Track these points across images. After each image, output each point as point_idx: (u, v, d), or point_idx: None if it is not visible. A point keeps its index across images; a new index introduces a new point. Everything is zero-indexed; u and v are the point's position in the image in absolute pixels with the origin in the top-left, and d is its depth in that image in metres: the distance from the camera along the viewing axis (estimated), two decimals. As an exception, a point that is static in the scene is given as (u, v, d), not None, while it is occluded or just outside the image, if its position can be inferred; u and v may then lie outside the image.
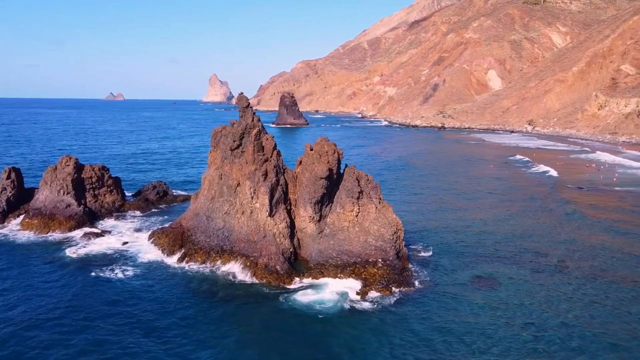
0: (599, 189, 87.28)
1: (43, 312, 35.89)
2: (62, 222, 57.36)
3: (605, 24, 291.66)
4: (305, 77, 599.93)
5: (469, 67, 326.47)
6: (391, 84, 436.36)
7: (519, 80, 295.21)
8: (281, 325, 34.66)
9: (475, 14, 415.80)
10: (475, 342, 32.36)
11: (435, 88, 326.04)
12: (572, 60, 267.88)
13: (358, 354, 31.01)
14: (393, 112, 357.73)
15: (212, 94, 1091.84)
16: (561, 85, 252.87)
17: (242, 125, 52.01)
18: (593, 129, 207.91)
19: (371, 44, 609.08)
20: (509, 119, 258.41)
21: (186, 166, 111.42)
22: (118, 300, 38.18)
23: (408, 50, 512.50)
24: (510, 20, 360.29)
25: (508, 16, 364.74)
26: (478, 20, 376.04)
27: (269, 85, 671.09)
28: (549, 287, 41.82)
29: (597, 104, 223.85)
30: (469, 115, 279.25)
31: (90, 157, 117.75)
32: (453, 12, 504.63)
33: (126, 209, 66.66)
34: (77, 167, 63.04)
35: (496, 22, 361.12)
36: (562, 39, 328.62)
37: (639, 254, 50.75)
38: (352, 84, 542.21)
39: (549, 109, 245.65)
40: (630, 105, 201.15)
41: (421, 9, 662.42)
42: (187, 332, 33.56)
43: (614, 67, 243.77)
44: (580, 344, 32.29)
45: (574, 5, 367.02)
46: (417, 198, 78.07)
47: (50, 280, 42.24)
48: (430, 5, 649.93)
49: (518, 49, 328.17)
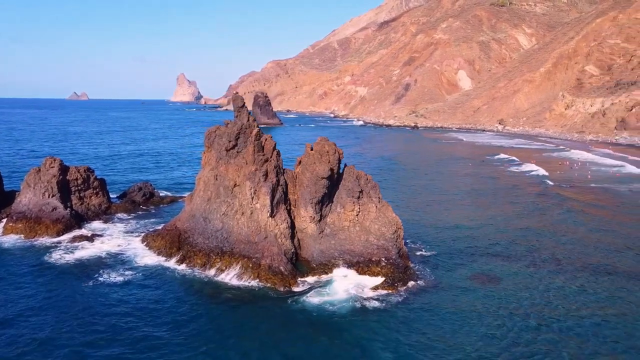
0: (577, 187, 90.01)
1: (41, 321, 34.61)
2: (49, 226, 55.46)
3: (569, 26, 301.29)
4: (276, 77, 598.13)
5: (439, 67, 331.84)
6: (362, 83, 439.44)
7: (488, 81, 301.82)
8: (296, 327, 34.35)
9: (444, 15, 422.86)
10: (488, 337, 32.91)
11: (407, 88, 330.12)
12: (539, 61, 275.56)
13: (379, 355, 31.09)
14: (365, 112, 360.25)
15: (180, 94, 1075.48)
16: (529, 85, 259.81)
17: (237, 126, 51.45)
18: (561, 128, 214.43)
19: (341, 44, 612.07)
20: (480, 119, 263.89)
21: (167, 167, 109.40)
22: (118, 308, 36.74)
23: (378, 50, 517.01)
24: (478, 22, 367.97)
25: (476, 17, 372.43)
26: (446, 22, 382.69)
27: (239, 85, 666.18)
28: (546, 280, 42.97)
29: (564, 103, 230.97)
30: (441, 114, 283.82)
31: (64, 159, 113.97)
32: (422, 13, 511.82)
33: (113, 211, 65.03)
34: (62, 168, 61.18)
35: (464, 24, 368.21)
36: (528, 40, 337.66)
37: (621, 245, 52.67)
38: (323, 84, 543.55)
39: (518, 108, 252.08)
40: (596, 105, 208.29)
41: (390, 9, 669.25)
42: (200, 338, 32.95)
43: (579, 68, 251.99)
44: (580, 332, 33.29)
45: (538, 7, 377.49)
46: (407, 197, 78.79)
47: (44, 288, 40.43)
48: (398, 6, 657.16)
49: (486, 50, 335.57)
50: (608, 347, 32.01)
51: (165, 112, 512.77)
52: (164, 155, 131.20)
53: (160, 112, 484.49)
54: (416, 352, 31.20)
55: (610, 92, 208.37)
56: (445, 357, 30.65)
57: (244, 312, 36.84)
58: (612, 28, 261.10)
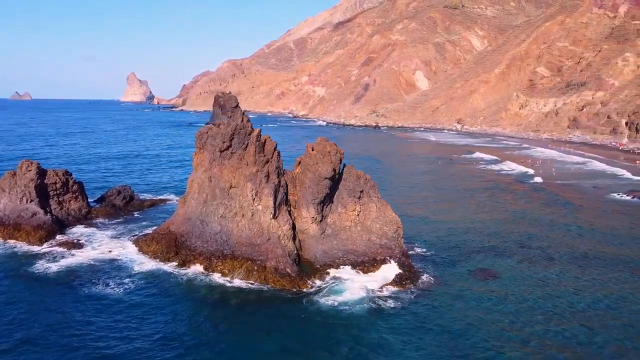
0: (549, 184, 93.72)
1: (45, 344, 32.85)
2: (30, 233, 52.61)
3: (520, 29, 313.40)
4: (232, 77, 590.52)
5: (397, 67, 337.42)
6: (320, 83, 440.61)
7: (445, 81, 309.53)
8: (317, 329, 34.20)
9: (399, 17, 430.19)
10: (498, 330, 33.88)
11: (366, 88, 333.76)
12: (493, 63, 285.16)
13: (405, 354, 31.37)
14: (325, 112, 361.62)
15: (131, 94, 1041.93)
16: (485, 85, 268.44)
17: (232, 126, 50.56)
18: (517, 127, 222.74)
19: (297, 44, 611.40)
20: (439, 118, 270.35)
21: (138, 170, 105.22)
22: (122, 319, 34.93)
23: (335, 51, 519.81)
24: (432, 24, 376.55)
25: (431, 19, 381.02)
26: (402, 23, 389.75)
27: (193, 85, 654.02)
28: (541, 272, 44.67)
29: (519, 103, 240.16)
30: (401, 114, 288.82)
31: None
32: (377, 14, 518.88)
33: (94, 216, 62.41)
34: (40, 172, 58.21)
35: (420, 25, 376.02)
36: (481, 42, 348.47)
37: (602, 236, 55.52)
38: (280, 84, 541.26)
39: (475, 108, 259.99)
40: (549, 105, 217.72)
41: (344, 10, 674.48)
42: (221, 343, 32.23)
43: (531, 70, 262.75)
44: (579, 318, 34.89)
45: (489, 10, 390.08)
46: (393, 196, 79.26)
47: (35, 299, 38.17)
48: (353, 7, 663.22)
49: (442, 51, 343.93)
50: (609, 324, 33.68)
51: (118, 112, 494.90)
52: (132, 158, 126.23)
53: (114, 113, 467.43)
54: (441, 350, 31.67)
55: (562, 93, 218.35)
56: (472, 353, 31.28)
57: (260, 316, 36.25)
58: (560, 31, 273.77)
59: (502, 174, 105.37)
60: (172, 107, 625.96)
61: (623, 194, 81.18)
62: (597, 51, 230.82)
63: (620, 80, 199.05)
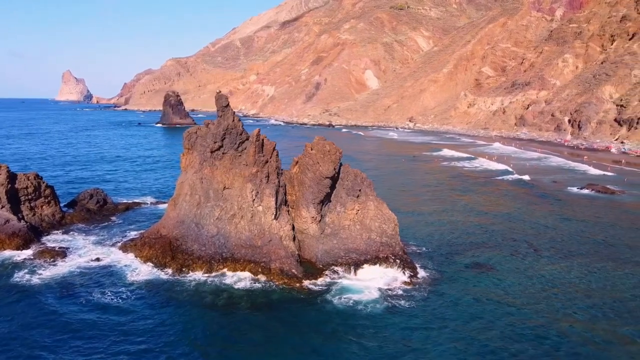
0: (512, 180, 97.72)
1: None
2: (4, 241, 48.96)
3: (465, 30, 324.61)
4: (177, 76, 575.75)
5: (347, 66, 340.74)
6: (269, 82, 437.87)
7: (395, 80, 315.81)
8: (335, 329, 33.92)
9: (346, 16, 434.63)
10: (507, 322, 35.03)
11: (317, 87, 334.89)
12: (441, 63, 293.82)
13: (426, 349, 31.75)
14: (276, 111, 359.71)
15: (66, 92, 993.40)
16: (434, 85, 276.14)
17: (223, 126, 49.29)
18: (467, 125, 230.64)
19: (244, 43, 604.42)
20: (391, 117, 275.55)
21: (102, 172, 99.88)
22: (128, 332, 33.05)
23: (283, 50, 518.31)
24: (380, 24, 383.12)
25: (378, 20, 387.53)
26: (349, 23, 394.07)
27: (135, 84, 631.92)
28: (535, 265, 46.61)
29: (467, 102, 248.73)
30: (353, 113, 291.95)
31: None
32: (324, 14, 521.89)
33: (68, 221, 59.01)
34: (10, 176, 54.44)
35: (368, 25, 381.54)
36: (427, 43, 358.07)
37: (583, 228, 58.65)
38: (228, 83, 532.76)
39: (426, 106, 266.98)
40: (496, 104, 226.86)
41: (290, 9, 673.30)
42: (237, 348, 31.37)
43: (477, 70, 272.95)
44: (575, 308, 36.75)
45: (433, 12, 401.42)
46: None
47: (29, 313, 35.60)
48: (298, 6, 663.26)
49: (390, 51, 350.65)
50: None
51: (56, 112, 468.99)
52: (93, 160, 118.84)
53: (53, 113, 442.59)
54: (461, 345, 32.29)
55: (507, 92, 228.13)
56: (491, 345, 32.10)
57: (274, 319, 35.47)
58: (502, 33, 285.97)
59: (477, 171, 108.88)
60: (114, 107, 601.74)
61: (583, 188, 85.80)
62: (539, 52, 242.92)
63: (561, 80, 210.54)
